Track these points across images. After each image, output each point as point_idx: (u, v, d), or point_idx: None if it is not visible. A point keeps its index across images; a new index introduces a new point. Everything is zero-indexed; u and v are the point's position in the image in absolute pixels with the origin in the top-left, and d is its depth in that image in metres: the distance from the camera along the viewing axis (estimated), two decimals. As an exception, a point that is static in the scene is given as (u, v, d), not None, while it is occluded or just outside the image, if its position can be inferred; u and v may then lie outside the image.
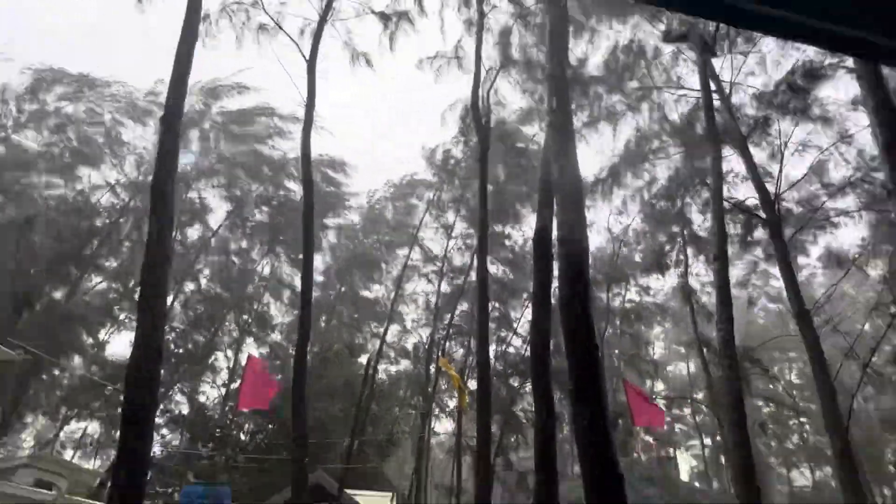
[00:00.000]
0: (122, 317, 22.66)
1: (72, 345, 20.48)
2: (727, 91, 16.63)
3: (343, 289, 26.82)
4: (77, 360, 21.74)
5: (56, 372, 21.61)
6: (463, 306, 25.21)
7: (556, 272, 9.75)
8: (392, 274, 26.39)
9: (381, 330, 23.96)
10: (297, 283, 25.49)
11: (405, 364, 27.38)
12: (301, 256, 13.48)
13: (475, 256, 15.92)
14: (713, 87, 16.85)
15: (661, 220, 22.00)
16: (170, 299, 21.96)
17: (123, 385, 5.55)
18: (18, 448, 23.48)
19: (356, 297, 27.08)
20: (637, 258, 25.74)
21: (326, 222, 26.89)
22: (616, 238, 25.64)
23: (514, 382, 24.43)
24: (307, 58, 14.33)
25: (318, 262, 26.66)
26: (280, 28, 15.13)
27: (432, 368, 23.35)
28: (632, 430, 23.29)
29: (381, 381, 24.38)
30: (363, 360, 23.72)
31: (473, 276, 20.03)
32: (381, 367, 25.14)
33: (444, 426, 29.23)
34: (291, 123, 23.94)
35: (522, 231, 25.50)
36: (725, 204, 16.98)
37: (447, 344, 24.92)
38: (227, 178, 23.81)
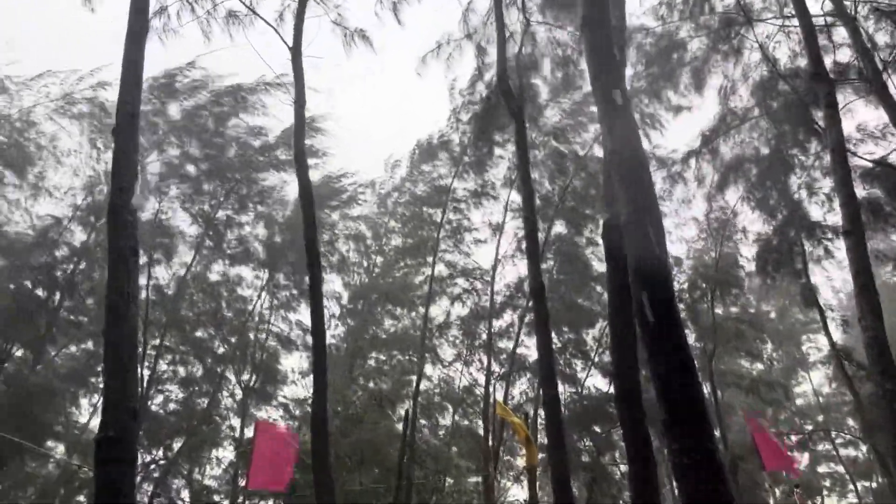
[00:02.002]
0: (100, 383, 23.43)
1: (45, 427, 21.27)
2: (852, 12, 15.99)
3: (360, 324, 26.96)
4: (52, 443, 22.56)
5: (32, 465, 22.48)
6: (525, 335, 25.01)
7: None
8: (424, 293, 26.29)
9: (415, 375, 23.84)
10: (306, 319, 25.95)
11: (451, 415, 27.14)
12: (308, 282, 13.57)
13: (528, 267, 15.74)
14: (831, 7, 16.18)
15: (764, 204, 21.60)
16: (152, 356, 22.60)
17: (93, 461, 5.64)
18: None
19: (377, 335, 27.16)
20: (743, 256, 25.21)
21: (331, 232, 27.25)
22: (714, 231, 25.22)
23: (598, 428, 23.97)
24: (290, 45, 14.69)
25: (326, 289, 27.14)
26: (254, 13, 15.56)
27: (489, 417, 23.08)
28: (757, 478, 22.37)
29: (424, 439, 24.23)
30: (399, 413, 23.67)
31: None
32: (422, 420, 25.01)
33: (515, 492, 28.86)
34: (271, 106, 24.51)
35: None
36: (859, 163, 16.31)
37: (507, 385, 24.67)
38: (195, 192, 24.36)
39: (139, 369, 20.65)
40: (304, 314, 27.05)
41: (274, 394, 26.79)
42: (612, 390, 21.97)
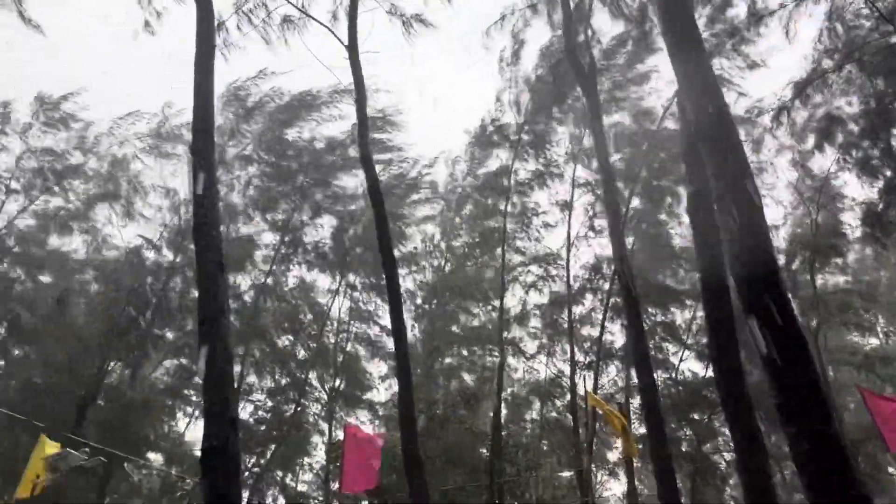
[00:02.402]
0: (193, 396, 24.80)
1: (144, 439, 22.69)
2: None
3: (436, 323, 27.26)
4: (152, 455, 24.01)
5: (135, 477, 24.04)
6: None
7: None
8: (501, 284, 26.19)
9: (496, 370, 23.78)
10: (385, 320, 26.44)
11: (538, 409, 26.99)
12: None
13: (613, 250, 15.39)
14: None
15: (865, 164, 20.26)
16: (238, 364, 23.68)
17: (200, 471, 5.96)
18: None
19: (454, 332, 27.34)
20: (845, 222, 23.85)
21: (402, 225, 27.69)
22: (808, 197, 24.01)
23: (697, 415, 23.31)
24: (346, 43, 14.98)
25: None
26: (306, 14, 15.97)
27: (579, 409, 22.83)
28: (880, 460, 21.13)
29: (512, 435, 24.22)
30: (484, 411, 23.75)
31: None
32: (508, 416, 24.99)
33: (612, 485, 28.48)
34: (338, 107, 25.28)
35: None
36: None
37: (595, 374, 24.33)
38: (266, 200, 25.28)
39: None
40: (381, 316, 27.67)
41: (359, 397, 27.51)
42: (709, 374, 21.33)
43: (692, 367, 25.00)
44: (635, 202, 24.81)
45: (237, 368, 23.64)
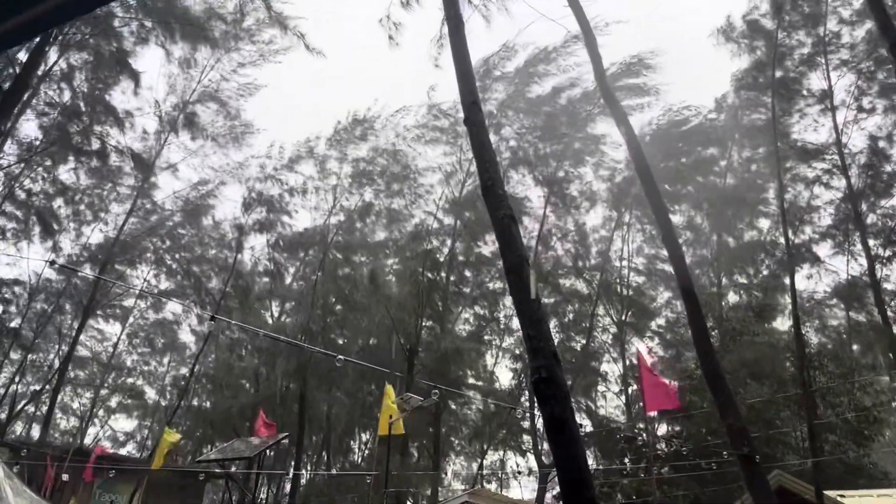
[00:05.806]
0: (494, 341, 26.76)
1: (462, 379, 25.10)
2: None
3: (714, 241, 25.17)
4: (471, 394, 26.50)
5: (458, 408, 26.78)
6: None
7: None
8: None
9: (787, 278, 21.05)
10: (662, 251, 25.31)
11: (843, 312, 23.52)
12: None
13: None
14: None
15: None
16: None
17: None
18: (446, 487, 29.53)
19: (735, 247, 24.92)
20: None
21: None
22: None
23: None
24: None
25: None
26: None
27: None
28: None
29: (816, 342, 21.60)
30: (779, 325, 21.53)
31: None
32: (809, 324, 22.27)
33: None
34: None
35: None
36: None
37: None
38: (534, 157, 25.64)
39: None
40: (659, 247, 26.72)
41: (646, 325, 27.04)
42: None
43: None
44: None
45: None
